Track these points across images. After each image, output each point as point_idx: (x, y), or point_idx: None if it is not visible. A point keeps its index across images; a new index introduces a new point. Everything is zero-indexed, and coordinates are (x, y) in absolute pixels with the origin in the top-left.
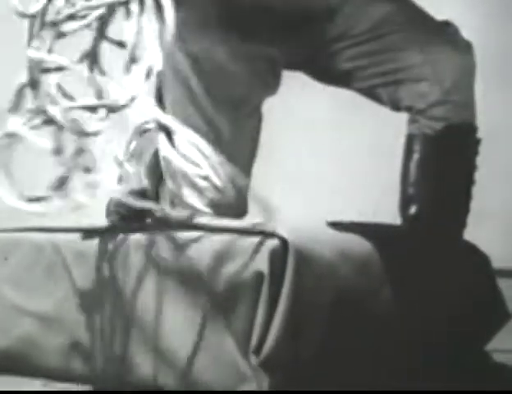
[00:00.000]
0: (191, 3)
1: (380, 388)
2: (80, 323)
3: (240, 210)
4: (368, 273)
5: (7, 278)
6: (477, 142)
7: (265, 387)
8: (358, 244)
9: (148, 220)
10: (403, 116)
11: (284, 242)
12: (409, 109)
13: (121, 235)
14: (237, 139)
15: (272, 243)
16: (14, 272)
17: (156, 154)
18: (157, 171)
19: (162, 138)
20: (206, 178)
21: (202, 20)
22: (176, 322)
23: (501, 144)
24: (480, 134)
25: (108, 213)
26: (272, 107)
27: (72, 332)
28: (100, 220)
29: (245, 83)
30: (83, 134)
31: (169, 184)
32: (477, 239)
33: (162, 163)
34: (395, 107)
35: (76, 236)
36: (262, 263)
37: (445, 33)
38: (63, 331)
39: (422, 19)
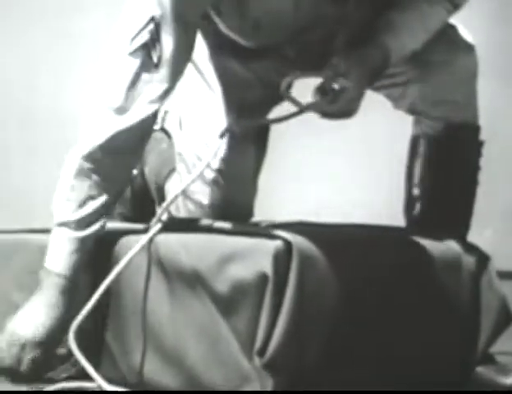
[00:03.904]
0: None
1: (382, 389)
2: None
3: (245, 212)
4: (372, 275)
5: (12, 280)
6: (480, 143)
7: (269, 388)
8: (362, 246)
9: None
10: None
11: (288, 244)
12: (412, 110)
13: (125, 237)
14: (246, 145)
15: (276, 245)
16: (19, 274)
17: (161, 154)
18: (162, 171)
19: (176, 135)
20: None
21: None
22: (180, 324)
23: (504, 145)
24: (483, 135)
25: (112, 215)
26: (277, 109)
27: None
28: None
29: (257, 91)
30: None
31: (181, 179)
32: (481, 240)
33: (177, 158)
34: (401, 107)
35: None
36: (266, 265)
37: (447, 34)
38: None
39: None
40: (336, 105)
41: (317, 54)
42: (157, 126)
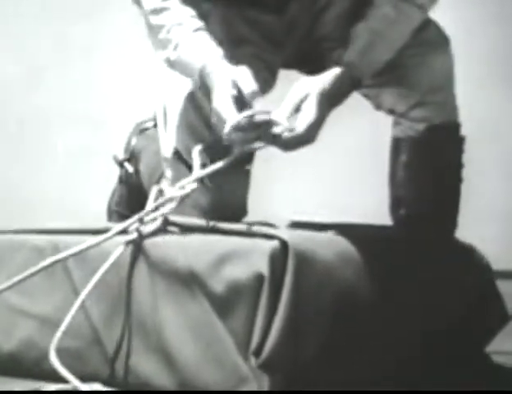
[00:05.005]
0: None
1: (380, 389)
2: (81, 326)
3: (238, 211)
4: (368, 275)
5: (8, 281)
6: (462, 140)
7: (265, 388)
8: (358, 245)
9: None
10: None
11: (284, 244)
12: (391, 112)
13: (121, 237)
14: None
15: (273, 245)
16: (14, 274)
17: (155, 153)
18: (156, 170)
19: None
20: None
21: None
22: (177, 324)
23: (501, 144)
24: (480, 133)
25: (109, 213)
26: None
27: (73, 334)
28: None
29: None
30: None
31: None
32: (477, 239)
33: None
34: (380, 108)
35: (77, 238)
36: (262, 265)
37: (420, 33)
38: (64, 333)
39: None
40: (299, 136)
41: (307, 39)
42: (150, 124)
